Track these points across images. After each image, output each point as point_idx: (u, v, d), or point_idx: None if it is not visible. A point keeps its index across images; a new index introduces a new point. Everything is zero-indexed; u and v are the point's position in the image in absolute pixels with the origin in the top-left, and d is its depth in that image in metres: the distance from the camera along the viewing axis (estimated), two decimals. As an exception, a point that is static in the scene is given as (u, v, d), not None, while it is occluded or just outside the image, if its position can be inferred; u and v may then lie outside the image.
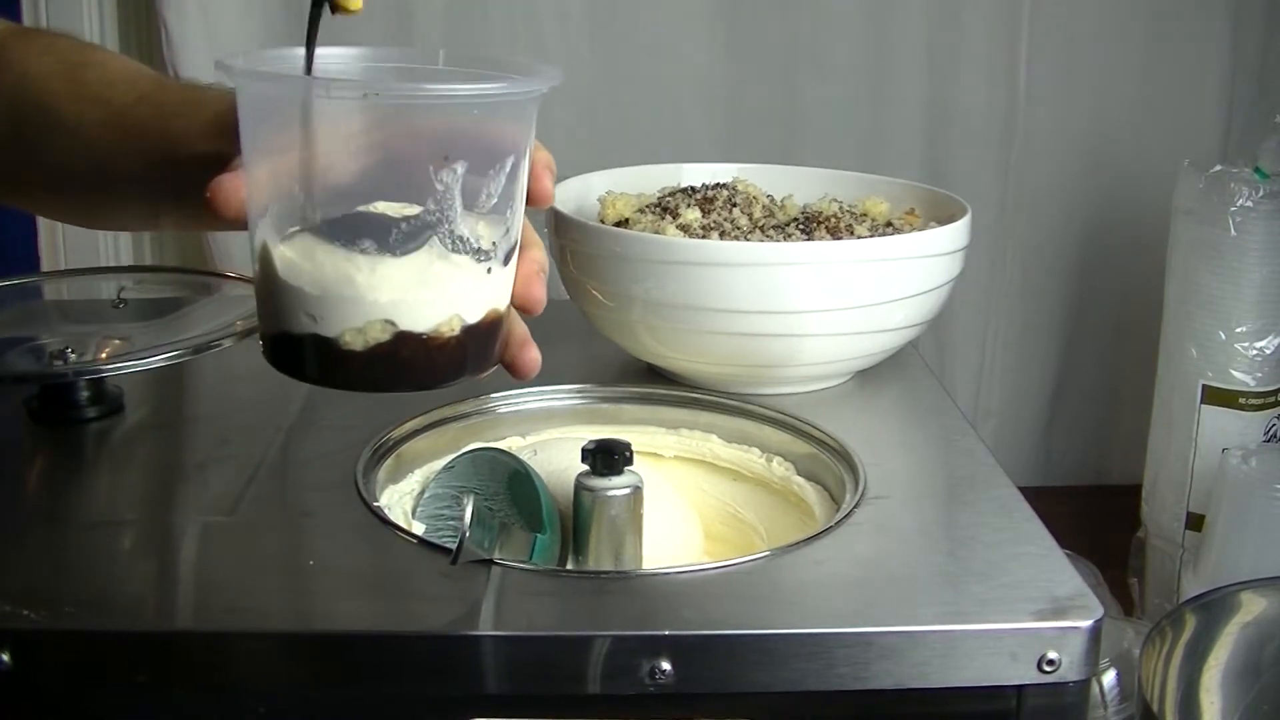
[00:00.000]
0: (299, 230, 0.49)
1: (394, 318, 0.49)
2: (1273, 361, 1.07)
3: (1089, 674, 0.61)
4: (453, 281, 0.50)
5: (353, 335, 0.49)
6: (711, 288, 0.83)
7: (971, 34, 1.29)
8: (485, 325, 0.52)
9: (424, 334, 0.49)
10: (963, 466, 0.79)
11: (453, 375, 0.52)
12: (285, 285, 0.50)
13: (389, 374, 0.50)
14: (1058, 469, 1.42)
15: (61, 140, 0.63)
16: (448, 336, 0.50)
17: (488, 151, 0.50)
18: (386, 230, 0.48)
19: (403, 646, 0.59)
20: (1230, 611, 0.89)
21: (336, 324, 0.49)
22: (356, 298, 0.49)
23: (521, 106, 0.51)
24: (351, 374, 0.50)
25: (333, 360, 0.50)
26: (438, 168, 0.48)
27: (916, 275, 0.86)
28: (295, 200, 0.49)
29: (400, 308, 0.49)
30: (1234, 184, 1.05)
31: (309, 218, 0.49)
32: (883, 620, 0.61)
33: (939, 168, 1.31)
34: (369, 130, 0.49)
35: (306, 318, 0.49)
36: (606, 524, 0.70)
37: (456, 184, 0.48)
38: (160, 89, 0.63)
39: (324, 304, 0.49)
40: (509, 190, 0.51)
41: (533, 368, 0.56)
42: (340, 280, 0.49)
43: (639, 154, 1.10)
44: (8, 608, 0.60)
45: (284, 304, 0.50)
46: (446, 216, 0.48)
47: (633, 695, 0.59)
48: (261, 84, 0.50)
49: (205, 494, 0.73)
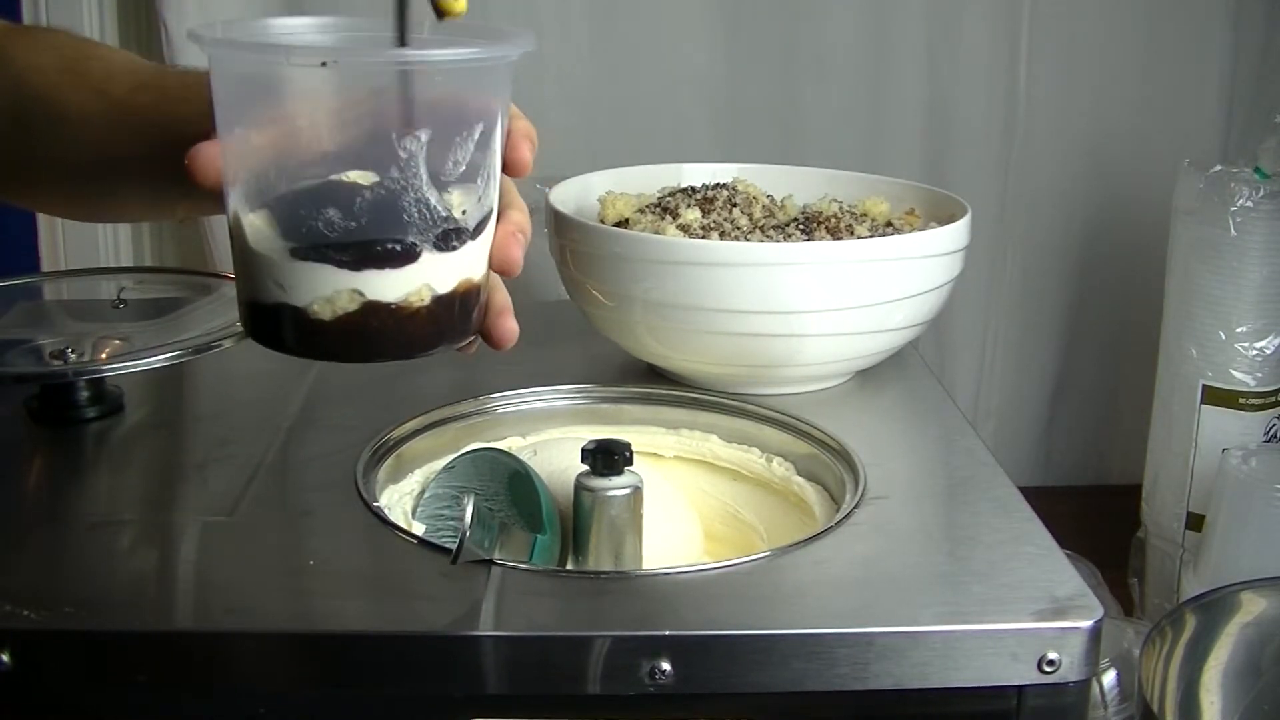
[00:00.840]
0: (266, 198, 0.49)
1: (361, 287, 0.48)
2: (1273, 361, 1.07)
3: (1089, 674, 0.61)
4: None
5: (321, 305, 0.49)
6: (711, 288, 0.83)
7: (971, 34, 1.29)
8: (458, 295, 0.51)
9: (393, 304, 0.49)
10: (963, 466, 0.79)
11: (428, 345, 0.51)
12: (254, 253, 0.50)
13: (360, 344, 0.50)
14: (1058, 469, 1.42)
15: (64, 133, 0.63)
16: (418, 306, 0.50)
17: (454, 119, 0.49)
18: (351, 199, 0.48)
19: (403, 646, 0.59)
20: (1230, 611, 0.89)
21: (305, 293, 0.49)
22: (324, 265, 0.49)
23: (489, 73, 0.51)
24: (323, 343, 0.50)
25: (303, 329, 0.50)
26: (401, 135, 0.47)
27: (916, 275, 0.86)
28: (263, 169, 0.49)
29: (368, 277, 0.48)
30: (1234, 184, 1.05)
31: (276, 186, 0.49)
32: (883, 620, 0.61)
33: (939, 168, 1.31)
34: (331, 98, 0.49)
35: (276, 286, 0.49)
36: (606, 524, 0.70)
37: (421, 152, 0.48)
38: (160, 76, 0.63)
39: (291, 274, 0.49)
40: (479, 158, 0.50)
41: (509, 337, 0.55)
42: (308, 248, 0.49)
43: (639, 154, 1.10)
44: (8, 608, 0.60)
45: (255, 273, 0.50)
46: (412, 185, 0.48)
47: (633, 695, 0.59)
48: (227, 52, 0.50)
49: (205, 494, 0.73)
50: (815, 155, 1.27)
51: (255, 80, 0.49)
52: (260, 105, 0.48)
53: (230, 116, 0.50)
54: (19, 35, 0.67)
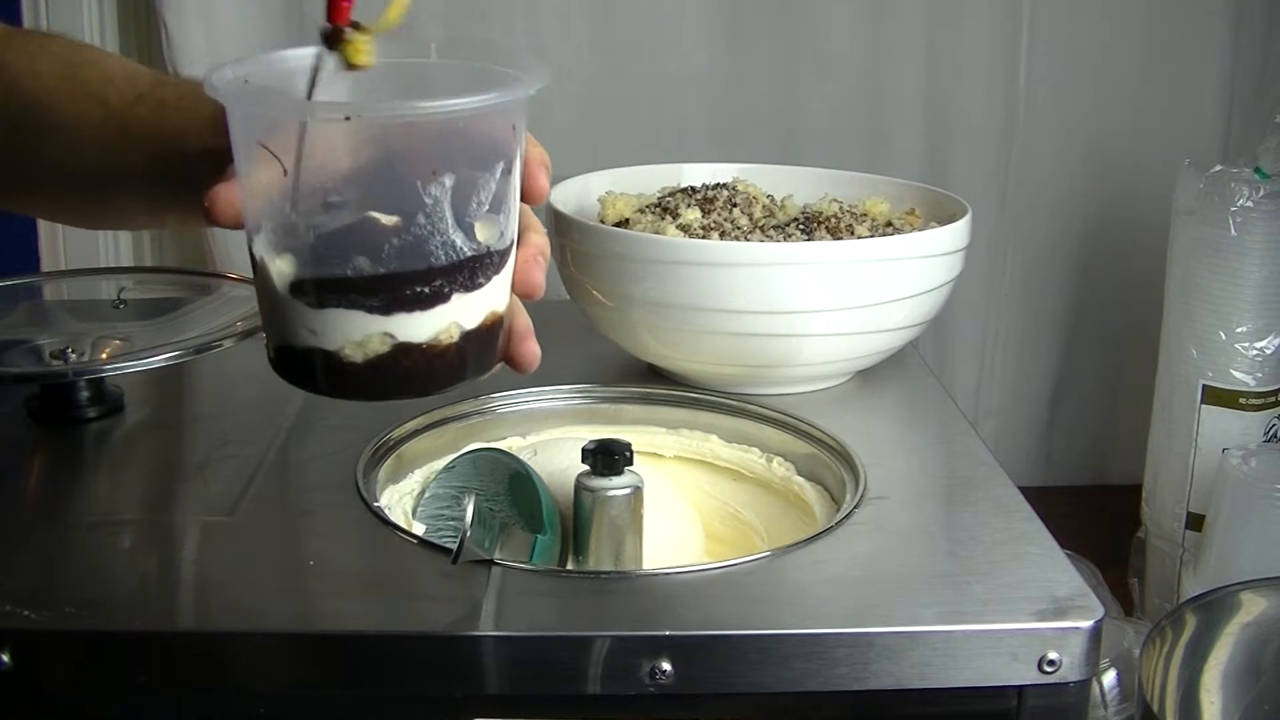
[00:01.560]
0: (292, 244, 0.50)
1: (392, 330, 0.49)
2: (1273, 361, 1.07)
3: (1089, 674, 0.61)
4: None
5: (353, 349, 0.50)
6: (711, 288, 0.83)
7: (971, 34, 1.29)
8: (484, 329, 0.52)
9: (423, 344, 0.50)
10: (963, 466, 0.79)
11: (455, 380, 0.52)
12: (284, 299, 0.50)
13: (391, 383, 0.51)
14: (1058, 469, 1.42)
15: (60, 140, 0.63)
16: (447, 344, 0.51)
17: (476, 160, 0.50)
18: (379, 246, 0.48)
19: (403, 646, 0.59)
20: (1230, 611, 0.89)
21: (336, 338, 0.50)
22: (354, 311, 0.49)
23: (508, 111, 0.51)
24: (353, 385, 0.51)
25: (334, 372, 0.51)
26: (425, 182, 0.48)
27: (916, 275, 0.86)
28: (287, 217, 0.49)
29: (398, 320, 0.49)
30: (1234, 184, 1.05)
31: (302, 235, 0.49)
32: (883, 620, 0.61)
33: (939, 168, 1.31)
34: (356, 149, 0.49)
35: (306, 331, 0.50)
36: (606, 524, 0.70)
37: (446, 197, 0.48)
38: (158, 86, 0.63)
39: (322, 319, 0.49)
40: (501, 194, 0.51)
41: (532, 361, 0.56)
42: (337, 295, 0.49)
43: (639, 154, 1.10)
44: (8, 608, 0.60)
45: (284, 317, 0.51)
46: (438, 229, 0.49)
47: (633, 695, 0.59)
48: (246, 104, 0.50)
49: (205, 494, 0.73)
50: (815, 155, 1.27)
51: (276, 132, 0.49)
52: (282, 154, 0.48)
53: (251, 164, 0.50)
54: (16, 40, 0.67)
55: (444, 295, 0.50)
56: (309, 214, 0.49)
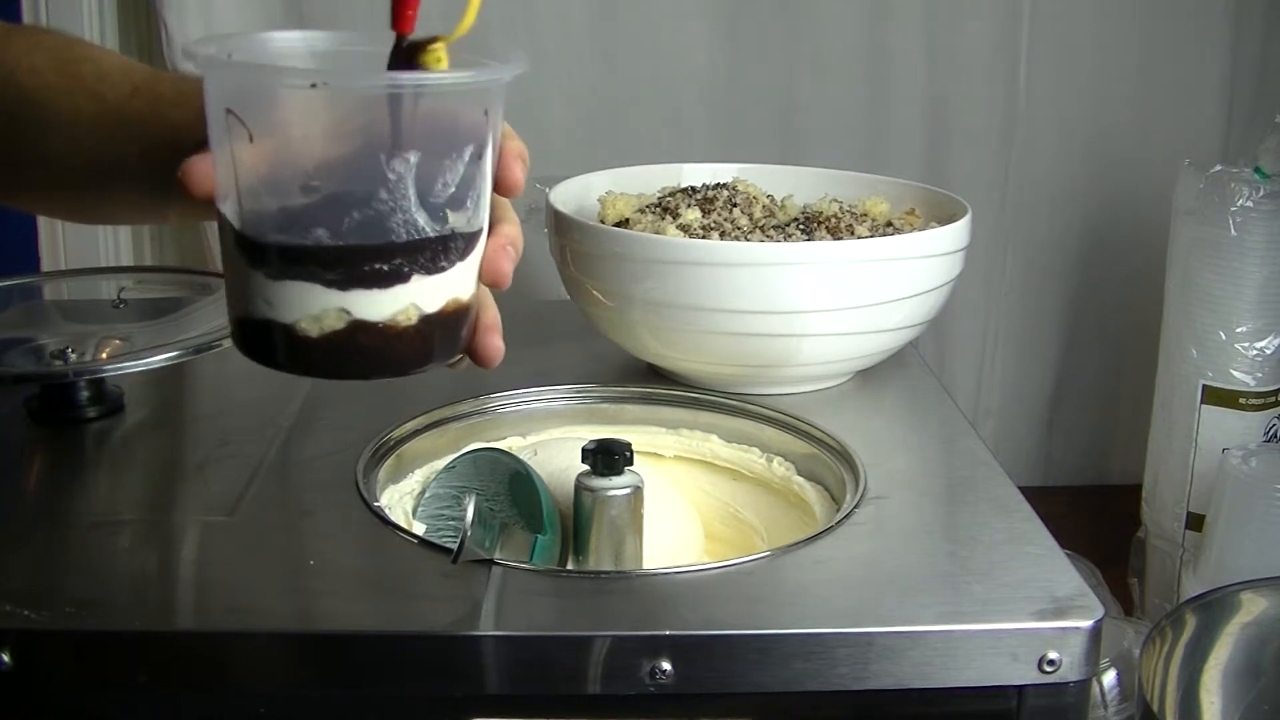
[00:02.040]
0: (255, 216, 0.49)
1: (349, 306, 0.49)
2: (1273, 361, 1.07)
3: (1089, 674, 0.61)
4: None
5: (309, 323, 0.49)
6: (711, 288, 0.83)
7: (971, 34, 1.29)
8: (446, 314, 0.51)
9: (380, 323, 0.49)
10: (963, 466, 0.79)
11: (415, 364, 0.52)
12: (245, 269, 0.50)
13: (347, 361, 0.50)
14: (1058, 469, 1.42)
15: (57, 134, 0.63)
16: (405, 326, 0.50)
17: (444, 141, 0.49)
18: (339, 219, 0.48)
19: (403, 646, 0.59)
20: (1230, 611, 0.89)
21: (292, 310, 0.49)
22: (312, 284, 0.49)
23: (480, 94, 0.51)
24: (309, 360, 0.50)
25: (290, 346, 0.50)
26: (390, 157, 0.48)
27: (916, 275, 0.86)
28: (252, 185, 0.49)
29: (355, 296, 0.49)
30: (1234, 184, 1.05)
31: (265, 203, 0.49)
32: (883, 620, 0.61)
33: (939, 168, 1.31)
34: (321, 118, 0.49)
35: (264, 303, 0.50)
36: (607, 524, 0.70)
37: (410, 174, 0.48)
38: (154, 81, 0.63)
39: (279, 291, 0.49)
40: (469, 179, 0.50)
41: (494, 356, 0.55)
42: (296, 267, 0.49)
43: (639, 154, 1.10)
44: (8, 608, 0.60)
45: (244, 288, 0.50)
46: (400, 206, 0.48)
47: (633, 695, 0.59)
48: (220, 70, 0.50)
49: (205, 494, 0.73)
50: (815, 155, 1.27)
51: (245, 99, 0.49)
52: (251, 123, 0.48)
53: (220, 131, 0.50)
54: (11, 36, 0.67)
55: (403, 275, 0.49)
56: (272, 184, 0.49)
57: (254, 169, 0.49)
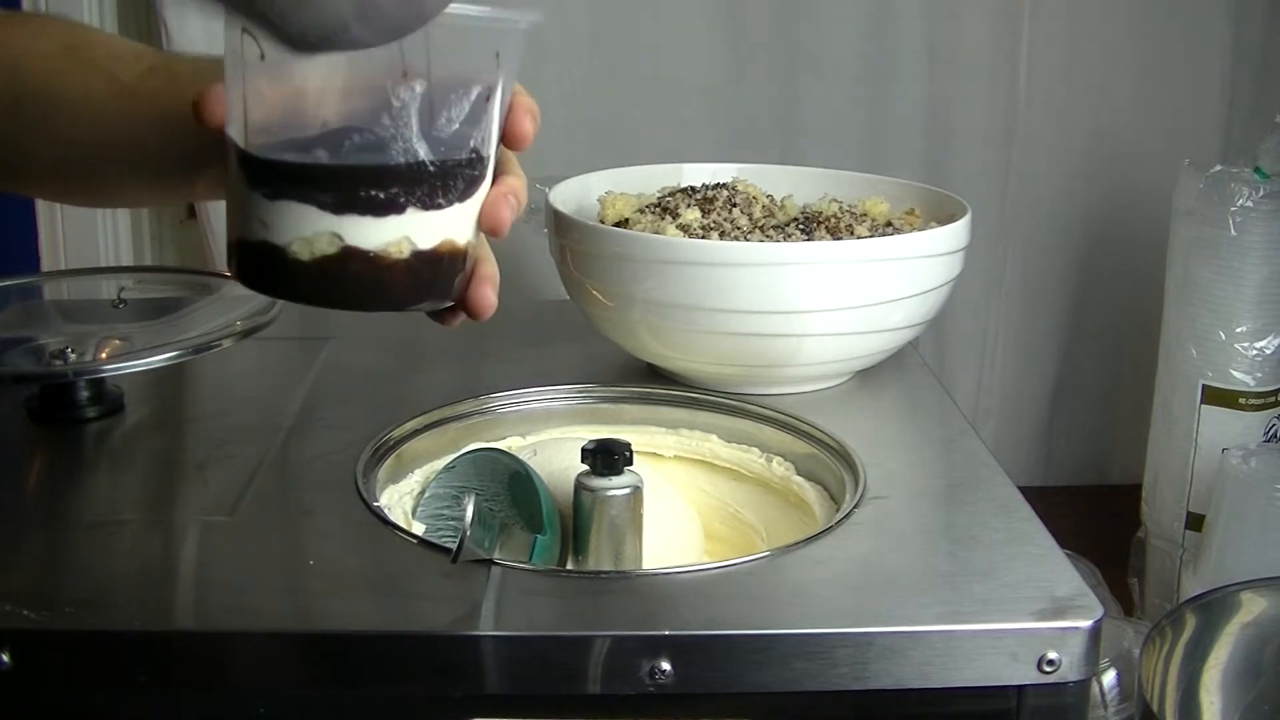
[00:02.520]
0: (262, 138, 0.49)
1: (341, 231, 0.48)
2: (1273, 361, 1.07)
3: (1089, 674, 0.61)
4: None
5: (300, 245, 0.49)
6: (711, 288, 0.83)
7: (971, 34, 1.29)
8: (440, 255, 0.51)
9: (371, 252, 0.49)
10: (963, 466, 0.79)
11: (404, 300, 0.51)
12: (246, 191, 0.50)
13: (336, 289, 0.50)
14: (1058, 469, 1.42)
15: (67, 116, 0.62)
16: (396, 258, 0.50)
17: (451, 75, 0.49)
18: (339, 141, 0.48)
19: (403, 646, 0.59)
20: (1230, 611, 0.89)
21: (285, 232, 0.49)
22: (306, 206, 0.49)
23: (492, 37, 0.50)
24: (299, 285, 0.50)
25: (282, 269, 0.50)
26: (395, 83, 0.47)
27: (916, 275, 0.86)
28: (258, 104, 0.49)
29: (348, 222, 0.48)
30: (1234, 184, 1.05)
31: (269, 123, 0.49)
32: (883, 620, 0.61)
33: (939, 168, 1.31)
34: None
35: (259, 224, 0.49)
36: (606, 524, 0.70)
37: (414, 102, 0.48)
38: (169, 61, 0.63)
39: (275, 211, 0.49)
40: (473, 121, 0.50)
41: (486, 308, 0.55)
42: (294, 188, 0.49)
43: (639, 154, 1.10)
44: (8, 608, 0.60)
45: (242, 210, 0.50)
46: (401, 134, 0.48)
47: (633, 695, 0.59)
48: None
49: (205, 494, 0.73)
50: (815, 155, 1.27)
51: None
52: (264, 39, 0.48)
53: (234, 56, 0.49)
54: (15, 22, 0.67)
55: (398, 205, 0.49)
56: (277, 102, 0.49)
57: (263, 89, 0.48)
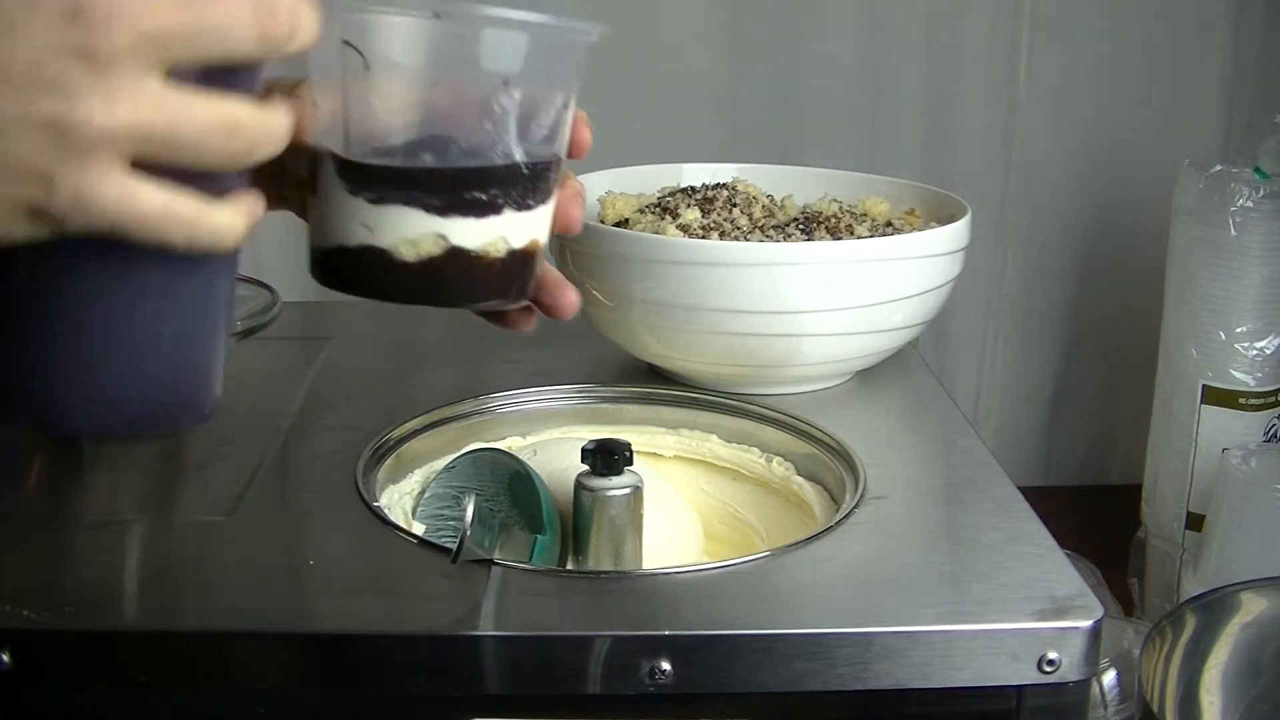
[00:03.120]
0: (364, 146, 0.51)
1: (446, 233, 0.50)
2: (1273, 361, 1.07)
3: (1089, 674, 0.61)
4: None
5: (406, 247, 0.51)
6: (711, 288, 0.83)
7: (971, 34, 1.29)
8: (526, 252, 0.54)
9: (473, 251, 0.51)
10: (963, 466, 0.79)
11: (495, 295, 0.54)
12: (345, 197, 0.51)
13: (436, 287, 0.52)
14: (1058, 469, 1.42)
15: None
16: (494, 257, 0.52)
17: (543, 85, 0.52)
18: (445, 146, 0.50)
19: (403, 646, 0.59)
20: (1230, 611, 0.89)
21: (391, 235, 0.51)
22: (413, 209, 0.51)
23: (572, 49, 0.53)
24: (400, 285, 0.52)
25: (384, 270, 0.52)
26: (497, 91, 0.50)
27: (916, 275, 0.86)
28: (363, 114, 0.50)
29: (453, 223, 0.51)
30: (1234, 184, 1.05)
31: (374, 131, 0.51)
32: (883, 620, 0.61)
33: (939, 168, 1.31)
34: (436, 50, 0.51)
35: (363, 228, 0.51)
36: (606, 524, 0.70)
37: (514, 109, 0.50)
38: None
39: (380, 215, 0.51)
40: (556, 125, 0.53)
41: (573, 306, 0.58)
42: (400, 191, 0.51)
43: (639, 154, 1.10)
44: (8, 608, 0.60)
45: (342, 216, 0.52)
46: (502, 139, 0.50)
47: (633, 695, 0.59)
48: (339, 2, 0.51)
49: (205, 494, 0.73)
50: (815, 155, 1.27)
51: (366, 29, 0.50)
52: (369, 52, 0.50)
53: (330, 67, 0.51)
54: None
55: (498, 207, 0.51)
56: (384, 111, 0.50)
57: (367, 97, 0.50)
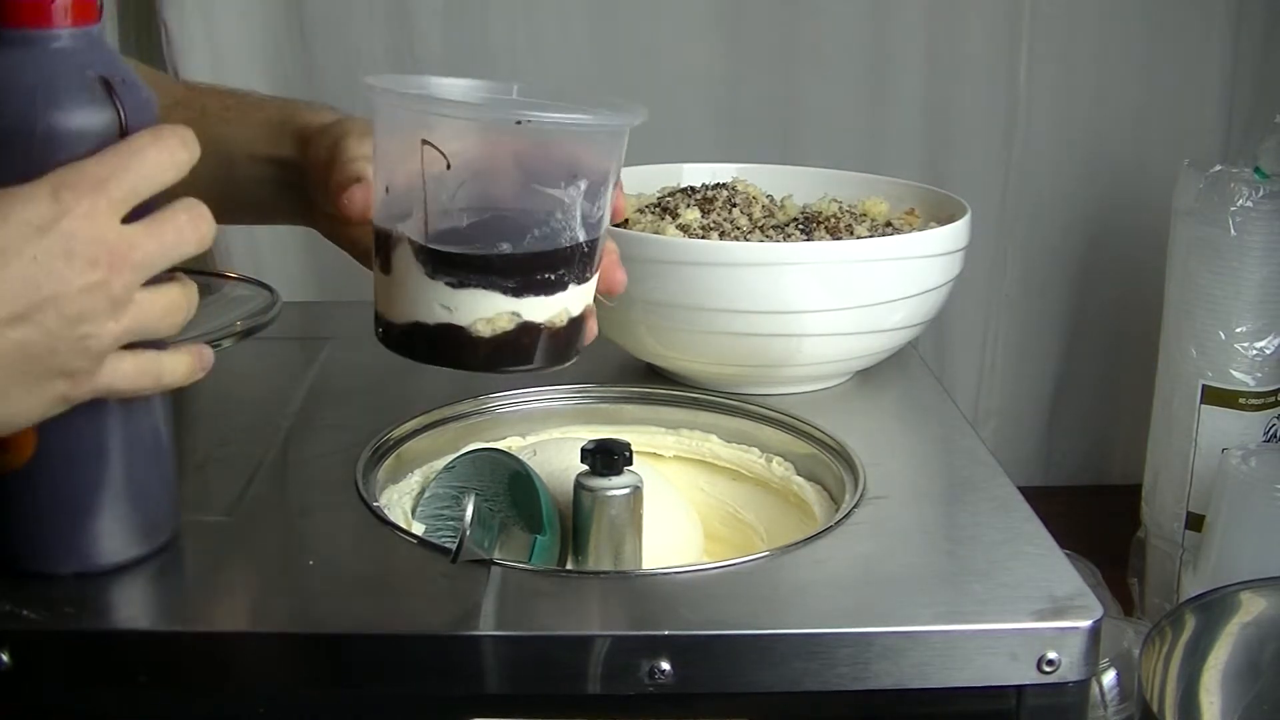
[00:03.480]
0: (444, 230, 0.55)
1: (519, 310, 0.55)
2: (1273, 361, 1.07)
3: (1089, 674, 0.61)
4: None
5: (483, 325, 0.55)
6: (711, 288, 0.83)
7: (971, 34, 1.29)
8: (583, 317, 0.59)
9: (541, 324, 0.56)
10: (963, 466, 0.79)
11: (556, 361, 0.59)
12: (423, 279, 0.55)
13: (510, 358, 0.57)
14: (1058, 469, 1.42)
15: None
16: (558, 327, 0.57)
17: (600, 172, 0.57)
18: (522, 234, 0.55)
19: (403, 646, 0.59)
20: (1230, 611, 0.89)
21: (470, 314, 0.55)
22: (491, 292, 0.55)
23: (620, 136, 0.59)
24: (476, 358, 0.57)
25: (461, 345, 0.56)
26: (566, 184, 0.55)
27: (916, 275, 0.86)
28: (443, 207, 0.54)
29: (526, 302, 0.55)
30: (1234, 184, 1.05)
31: (455, 223, 0.55)
32: (883, 620, 0.61)
33: (939, 168, 1.31)
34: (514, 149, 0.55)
35: (441, 308, 0.55)
36: (606, 524, 0.70)
37: (579, 197, 0.55)
38: (195, 95, 0.63)
39: (460, 297, 0.55)
40: (605, 205, 0.58)
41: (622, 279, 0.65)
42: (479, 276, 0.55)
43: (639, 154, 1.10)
44: (8, 607, 0.60)
45: (422, 295, 0.55)
46: (569, 224, 0.55)
47: (632, 695, 0.59)
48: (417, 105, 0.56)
49: (205, 494, 0.73)
50: (815, 155, 1.27)
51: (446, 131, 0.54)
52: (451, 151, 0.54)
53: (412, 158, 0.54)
54: None
55: (564, 284, 0.56)
56: (464, 204, 0.55)
57: (446, 192, 0.54)
